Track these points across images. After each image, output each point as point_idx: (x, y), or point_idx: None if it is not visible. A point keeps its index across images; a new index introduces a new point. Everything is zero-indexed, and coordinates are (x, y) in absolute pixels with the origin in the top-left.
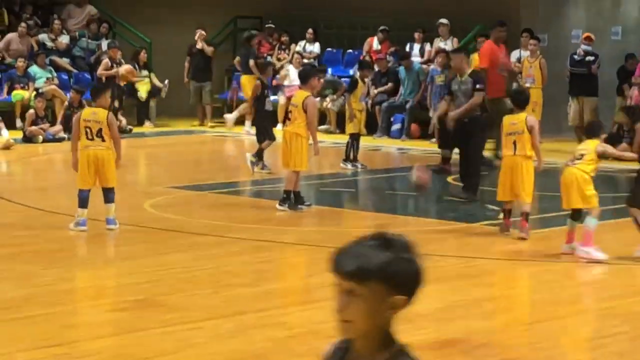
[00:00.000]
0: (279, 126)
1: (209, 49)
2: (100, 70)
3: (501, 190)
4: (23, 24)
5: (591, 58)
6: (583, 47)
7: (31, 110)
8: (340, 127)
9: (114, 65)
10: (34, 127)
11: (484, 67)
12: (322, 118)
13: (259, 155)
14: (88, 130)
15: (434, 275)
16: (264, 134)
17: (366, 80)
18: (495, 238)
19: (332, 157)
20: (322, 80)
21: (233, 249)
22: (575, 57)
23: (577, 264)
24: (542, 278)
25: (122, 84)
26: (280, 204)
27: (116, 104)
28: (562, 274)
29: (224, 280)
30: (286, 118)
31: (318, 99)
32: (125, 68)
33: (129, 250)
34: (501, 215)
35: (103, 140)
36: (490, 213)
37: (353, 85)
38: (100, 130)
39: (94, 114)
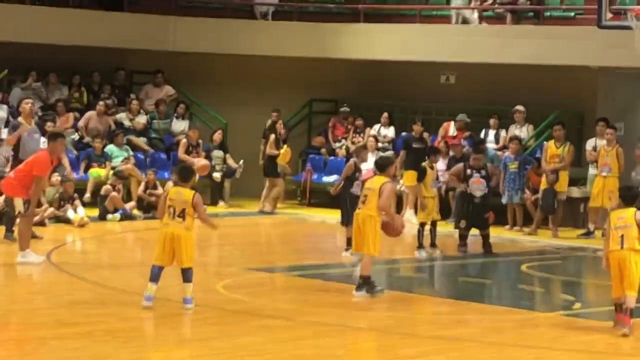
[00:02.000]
0: None
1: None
2: (180, 152)
3: (614, 285)
4: (101, 103)
5: None
6: None
7: (107, 187)
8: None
9: (191, 147)
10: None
11: None
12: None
13: (349, 241)
14: (171, 209)
15: None
16: (351, 217)
17: (434, 165)
18: (569, 329)
19: (405, 244)
20: (398, 167)
21: (304, 333)
22: None
23: None
24: None
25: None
26: (357, 290)
27: None
28: None
29: None
30: (360, 202)
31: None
32: (200, 165)
33: (201, 332)
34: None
35: (184, 220)
36: (566, 303)
37: (422, 174)
38: (183, 210)
39: (179, 194)
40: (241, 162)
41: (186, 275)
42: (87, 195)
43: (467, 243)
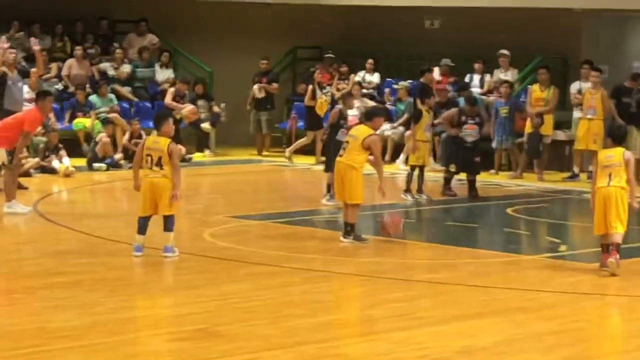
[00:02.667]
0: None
1: (271, 87)
2: (167, 99)
3: (597, 224)
4: (78, 48)
5: None
6: None
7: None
8: (396, 158)
9: (178, 98)
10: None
11: None
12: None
13: (329, 187)
14: (149, 158)
15: (494, 307)
16: (331, 164)
17: (430, 110)
18: (555, 271)
19: (389, 189)
20: (385, 121)
21: (292, 279)
22: None
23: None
24: (604, 312)
25: (186, 122)
26: (344, 237)
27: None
28: (624, 307)
29: (283, 310)
30: (342, 148)
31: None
32: (188, 109)
33: (188, 280)
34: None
35: (161, 169)
36: (552, 245)
37: (418, 115)
38: (160, 158)
39: (155, 142)
40: (222, 105)
41: (166, 223)
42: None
43: (451, 186)
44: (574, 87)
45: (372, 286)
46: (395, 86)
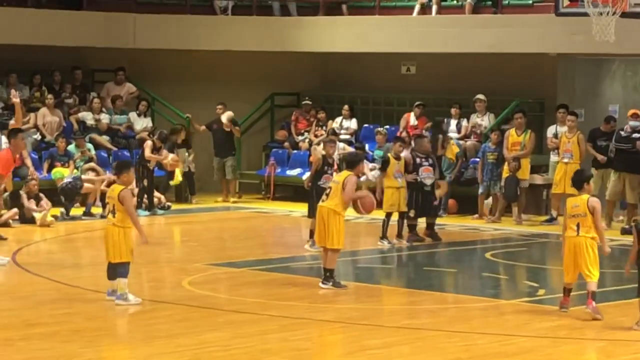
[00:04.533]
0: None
1: (228, 125)
2: (147, 153)
3: (567, 271)
4: (50, 96)
5: (638, 135)
6: (630, 123)
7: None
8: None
9: (155, 151)
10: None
11: None
12: None
13: (312, 233)
14: (108, 206)
15: (473, 353)
16: (313, 209)
17: (402, 154)
18: (533, 315)
19: (366, 235)
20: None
21: (271, 327)
22: (622, 133)
23: (618, 342)
24: (582, 356)
25: (168, 169)
26: (323, 283)
27: (145, 183)
28: (602, 352)
29: (262, 358)
30: (324, 194)
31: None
32: (172, 157)
33: (167, 329)
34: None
35: (114, 216)
36: (530, 289)
37: (384, 166)
38: (114, 206)
39: (111, 190)
40: (190, 157)
41: (115, 270)
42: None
43: (417, 232)
44: (550, 131)
45: (351, 333)
46: (377, 130)
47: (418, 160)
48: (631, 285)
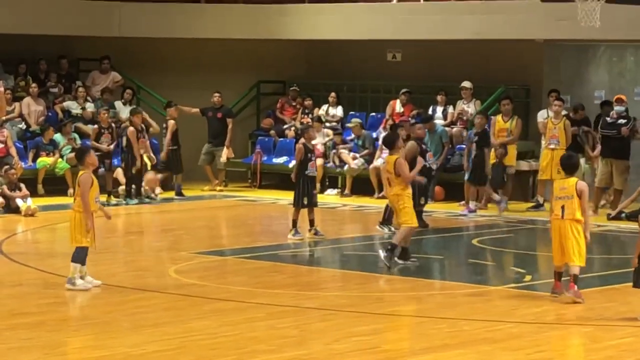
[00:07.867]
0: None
1: (227, 119)
2: (133, 142)
3: (555, 254)
4: (34, 85)
5: (623, 121)
6: (616, 108)
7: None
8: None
9: (139, 134)
10: None
11: None
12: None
13: (294, 222)
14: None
15: (460, 339)
16: (302, 199)
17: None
18: (520, 301)
19: (351, 222)
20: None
21: (258, 315)
22: (608, 119)
23: (604, 327)
24: (569, 341)
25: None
26: (385, 251)
27: (134, 171)
28: (588, 337)
29: (249, 346)
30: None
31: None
32: (149, 178)
33: (154, 317)
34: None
35: (74, 201)
36: (517, 276)
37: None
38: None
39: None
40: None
41: (73, 254)
42: (39, 186)
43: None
44: (541, 115)
45: (338, 320)
46: (348, 125)
47: (424, 146)
48: (616, 270)
